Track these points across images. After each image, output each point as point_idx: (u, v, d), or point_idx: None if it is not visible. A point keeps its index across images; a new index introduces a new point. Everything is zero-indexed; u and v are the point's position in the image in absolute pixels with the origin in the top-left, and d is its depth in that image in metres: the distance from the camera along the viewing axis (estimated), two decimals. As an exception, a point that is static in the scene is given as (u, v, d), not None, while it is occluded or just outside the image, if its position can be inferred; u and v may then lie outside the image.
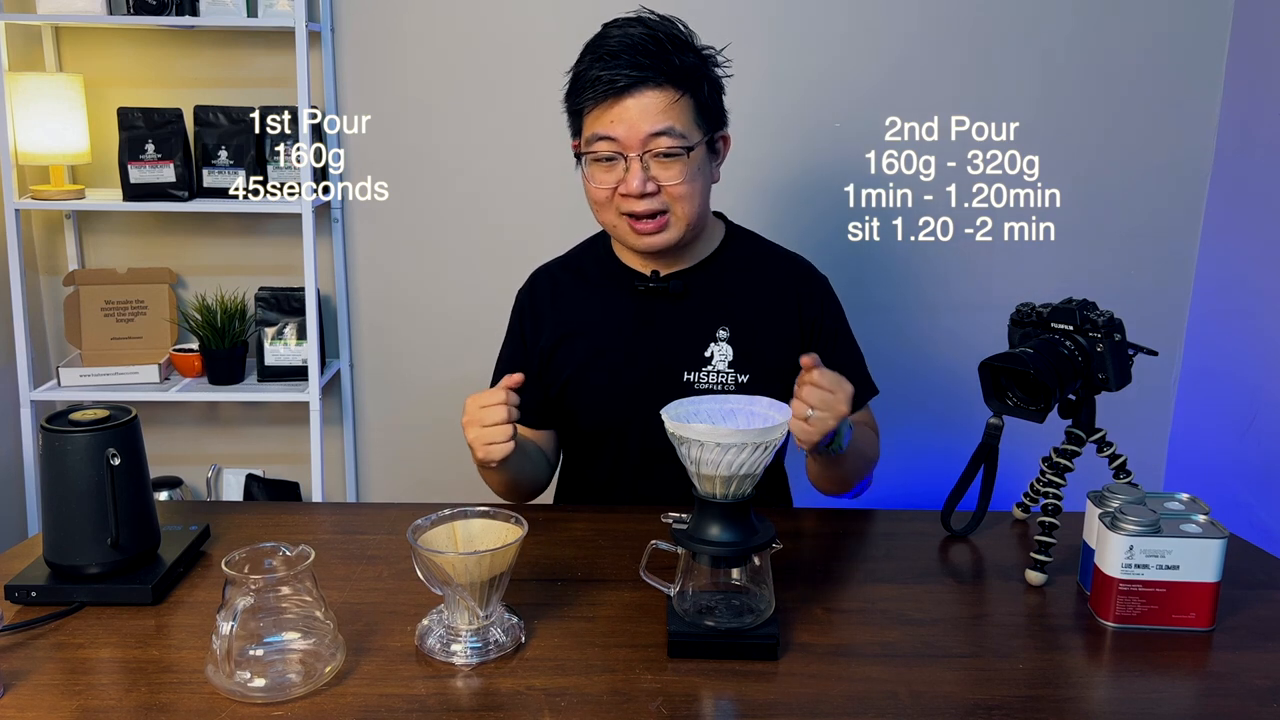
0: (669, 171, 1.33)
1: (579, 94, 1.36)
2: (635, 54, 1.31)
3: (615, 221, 1.38)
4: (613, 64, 1.31)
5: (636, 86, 1.31)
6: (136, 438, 1.13)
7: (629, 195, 1.33)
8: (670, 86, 1.32)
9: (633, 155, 1.32)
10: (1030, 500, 1.35)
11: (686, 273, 1.45)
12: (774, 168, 2.27)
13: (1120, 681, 1.02)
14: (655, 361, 1.42)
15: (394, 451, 2.50)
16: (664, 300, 1.43)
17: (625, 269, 1.47)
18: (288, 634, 0.97)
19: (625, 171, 1.33)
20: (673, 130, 1.32)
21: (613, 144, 1.33)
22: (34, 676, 0.97)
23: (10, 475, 2.30)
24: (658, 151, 1.32)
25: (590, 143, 1.35)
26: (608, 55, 1.32)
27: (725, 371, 1.42)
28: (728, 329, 1.42)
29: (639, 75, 1.31)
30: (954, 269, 2.32)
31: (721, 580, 1.05)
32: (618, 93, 1.31)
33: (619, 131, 1.32)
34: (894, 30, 2.24)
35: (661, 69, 1.31)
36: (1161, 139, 2.27)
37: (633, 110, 1.31)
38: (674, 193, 1.34)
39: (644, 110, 1.31)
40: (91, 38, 2.28)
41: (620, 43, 1.32)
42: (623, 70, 1.31)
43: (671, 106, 1.32)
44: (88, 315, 2.30)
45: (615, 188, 1.35)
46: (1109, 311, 1.17)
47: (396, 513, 1.36)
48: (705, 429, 0.99)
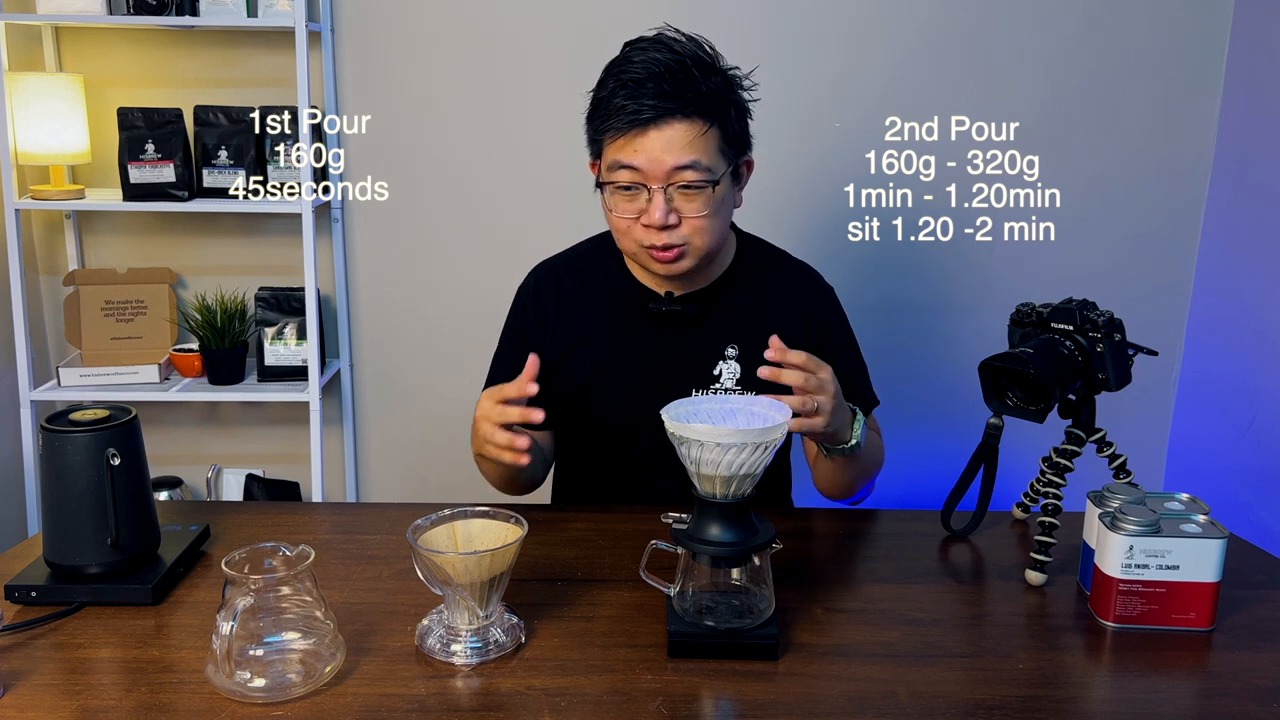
0: (692, 204, 1.29)
1: (602, 121, 1.30)
2: (660, 82, 1.25)
3: (635, 250, 1.34)
4: (637, 92, 1.25)
5: (662, 118, 1.25)
6: (136, 438, 1.13)
7: (650, 226, 1.29)
8: (697, 118, 1.26)
9: (655, 188, 1.27)
10: (1030, 500, 1.35)
11: (700, 294, 1.42)
12: (774, 168, 2.27)
13: (1120, 681, 1.02)
14: (664, 379, 1.38)
15: (394, 451, 2.50)
16: (676, 321, 1.41)
17: (637, 285, 1.44)
18: (288, 634, 0.97)
19: (648, 202, 1.28)
20: (698, 164, 1.27)
21: (635, 174, 1.28)
22: (34, 676, 0.97)
23: (10, 475, 2.30)
24: (681, 184, 1.28)
25: (612, 170, 1.30)
26: (632, 83, 1.26)
27: (732, 390, 1.41)
28: (737, 348, 1.41)
29: (665, 106, 1.25)
30: (954, 269, 2.32)
31: (721, 580, 1.05)
32: (642, 124, 1.25)
33: (642, 162, 1.27)
34: (894, 30, 2.24)
35: (688, 99, 1.25)
36: (1161, 139, 2.27)
37: (657, 142, 1.26)
38: (695, 225, 1.30)
39: (669, 143, 1.26)
40: (91, 38, 2.28)
41: (645, 69, 1.26)
42: (647, 101, 1.25)
43: (698, 139, 1.27)
44: (88, 315, 2.30)
45: (637, 218, 1.30)
46: (1109, 311, 1.17)
47: (396, 513, 1.35)
48: (705, 429, 0.99)
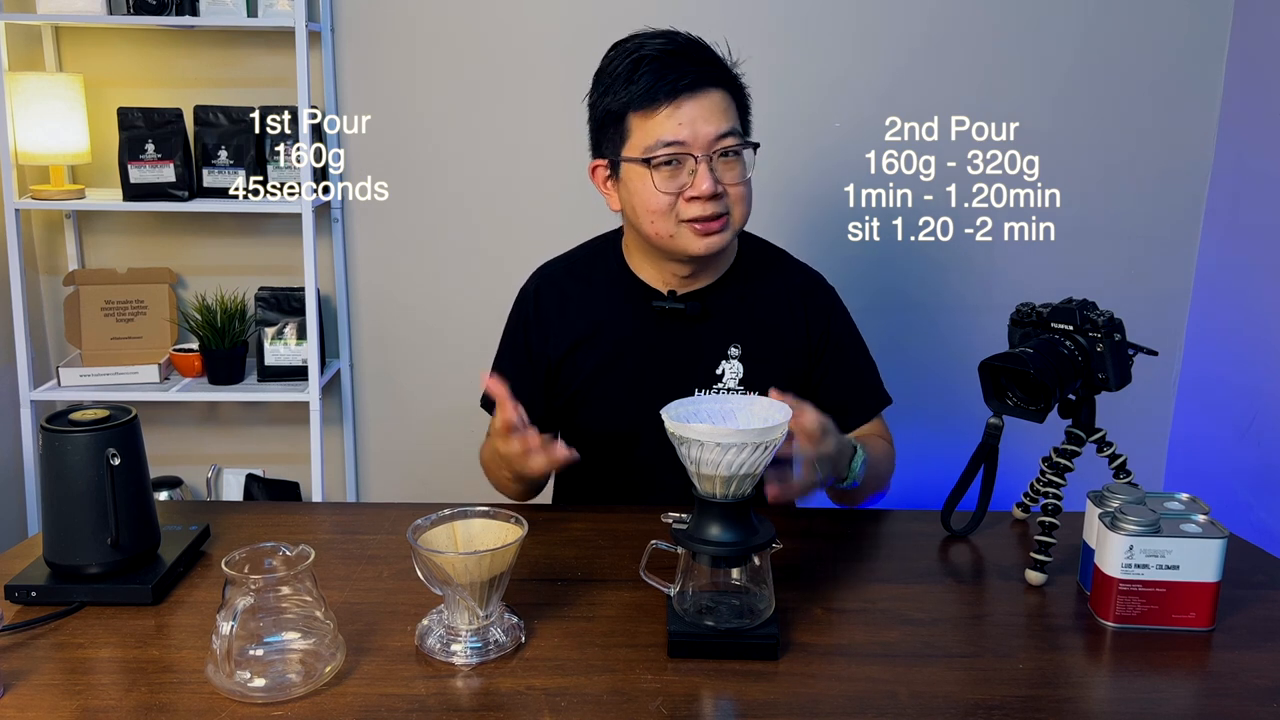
0: (732, 171, 1.31)
1: (630, 98, 1.28)
2: (686, 55, 1.28)
3: (674, 230, 1.31)
4: (669, 64, 1.27)
5: (700, 86, 1.27)
6: (136, 438, 1.13)
7: (699, 198, 1.28)
8: (726, 87, 1.30)
9: (701, 156, 1.27)
10: (1030, 500, 1.35)
11: (703, 293, 1.42)
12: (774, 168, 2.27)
13: (1120, 681, 1.02)
14: (666, 379, 1.38)
15: (394, 451, 2.50)
16: (679, 320, 1.41)
17: (639, 283, 1.43)
18: (288, 634, 0.97)
19: (692, 175, 1.28)
20: (736, 130, 1.30)
21: (679, 147, 1.27)
22: (34, 676, 0.97)
23: (10, 475, 2.30)
24: (724, 150, 1.29)
25: (651, 148, 1.28)
26: (657, 60, 1.27)
27: (735, 389, 1.41)
28: (739, 347, 1.41)
29: (703, 72, 1.27)
30: (954, 269, 2.32)
31: (721, 580, 1.05)
32: (681, 92, 1.26)
33: (685, 134, 1.27)
34: (894, 30, 2.24)
35: (719, 71, 1.30)
36: (1161, 139, 2.27)
37: (698, 111, 1.27)
38: (737, 193, 1.31)
39: (709, 111, 1.27)
40: (91, 38, 2.28)
41: (662, 49, 1.28)
42: (687, 68, 1.27)
43: (730, 107, 1.30)
44: (88, 315, 2.30)
45: (678, 193, 1.29)
46: (1109, 311, 1.17)
47: (396, 513, 1.35)
48: (705, 429, 0.99)
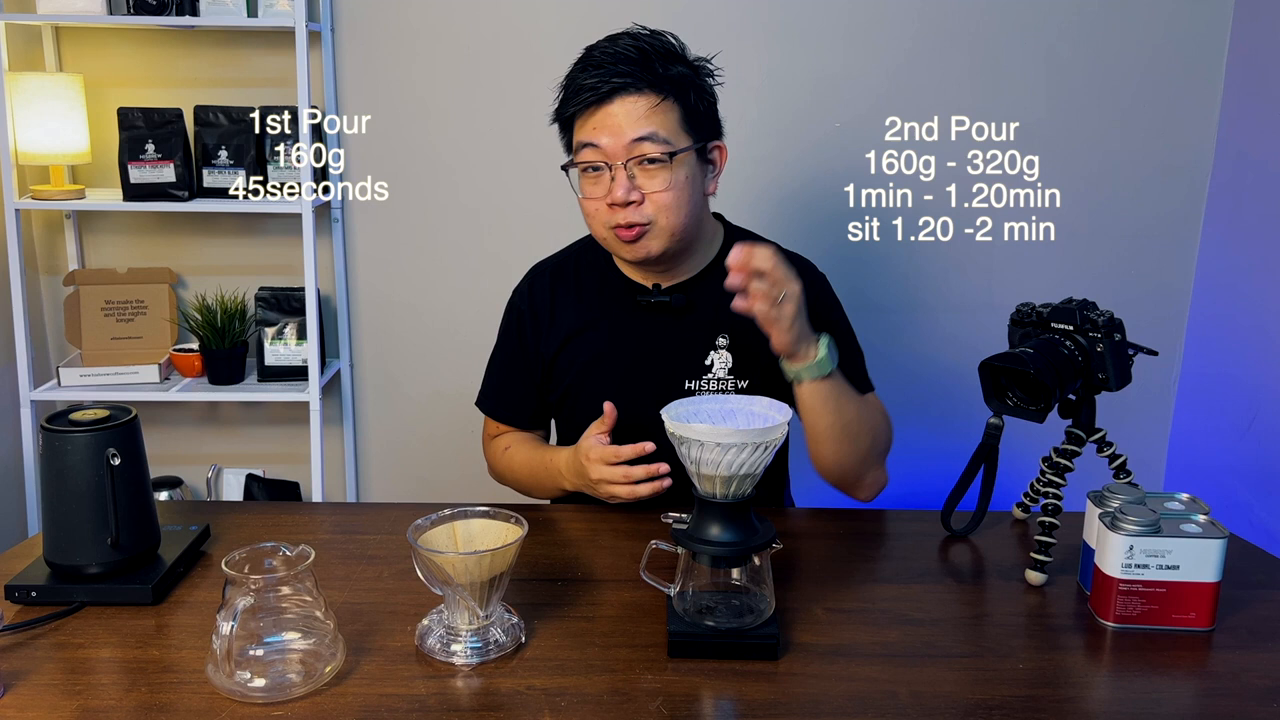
0: (654, 180, 1.32)
1: (565, 103, 1.36)
2: (618, 62, 1.32)
3: (605, 234, 1.37)
4: (596, 73, 1.32)
5: (618, 92, 1.31)
6: (136, 438, 1.13)
7: (614, 204, 1.32)
8: (651, 91, 1.31)
9: (617, 164, 1.31)
10: (1030, 500, 1.35)
11: (687, 284, 1.44)
12: (774, 168, 2.28)
13: (1120, 681, 1.02)
14: (656, 372, 1.42)
15: (394, 451, 2.50)
16: (665, 313, 1.44)
17: (625, 280, 1.47)
18: (288, 634, 0.97)
19: (611, 181, 1.32)
20: (656, 136, 1.31)
21: (597, 152, 1.32)
22: (34, 676, 0.97)
23: (10, 475, 2.30)
24: (642, 158, 1.31)
25: (577, 151, 1.35)
26: (592, 66, 1.33)
27: (724, 378, 1.42)
28: (727, 337, 1.43)
29: (620, 81, 1.31)
30: (954, 269, 2.32)
31: (721, 580, 1.05)
32: (600, 99, 1.31)
33: (603, 139, 1.31)
34: (894, 30, 2.24)
35: (642, 76, 1.31)
36: (1161, 139, 2.27)
37: (615, 116, 1.31)
38: (659, 201, 1.32)
39: (626, 115, 1.31)
40: (91, 38, 2.28)
41: (604, 54, 1.33)
42: (606, 77, 1.31)
43: (653, 111, 1.31)
44: (88, 315, 2.30)
45: (604, 199, 1.33)
46: (1109, 311, 1.17)
47: (396, 513, 1.36)
48: (705, 429, 0.99)
